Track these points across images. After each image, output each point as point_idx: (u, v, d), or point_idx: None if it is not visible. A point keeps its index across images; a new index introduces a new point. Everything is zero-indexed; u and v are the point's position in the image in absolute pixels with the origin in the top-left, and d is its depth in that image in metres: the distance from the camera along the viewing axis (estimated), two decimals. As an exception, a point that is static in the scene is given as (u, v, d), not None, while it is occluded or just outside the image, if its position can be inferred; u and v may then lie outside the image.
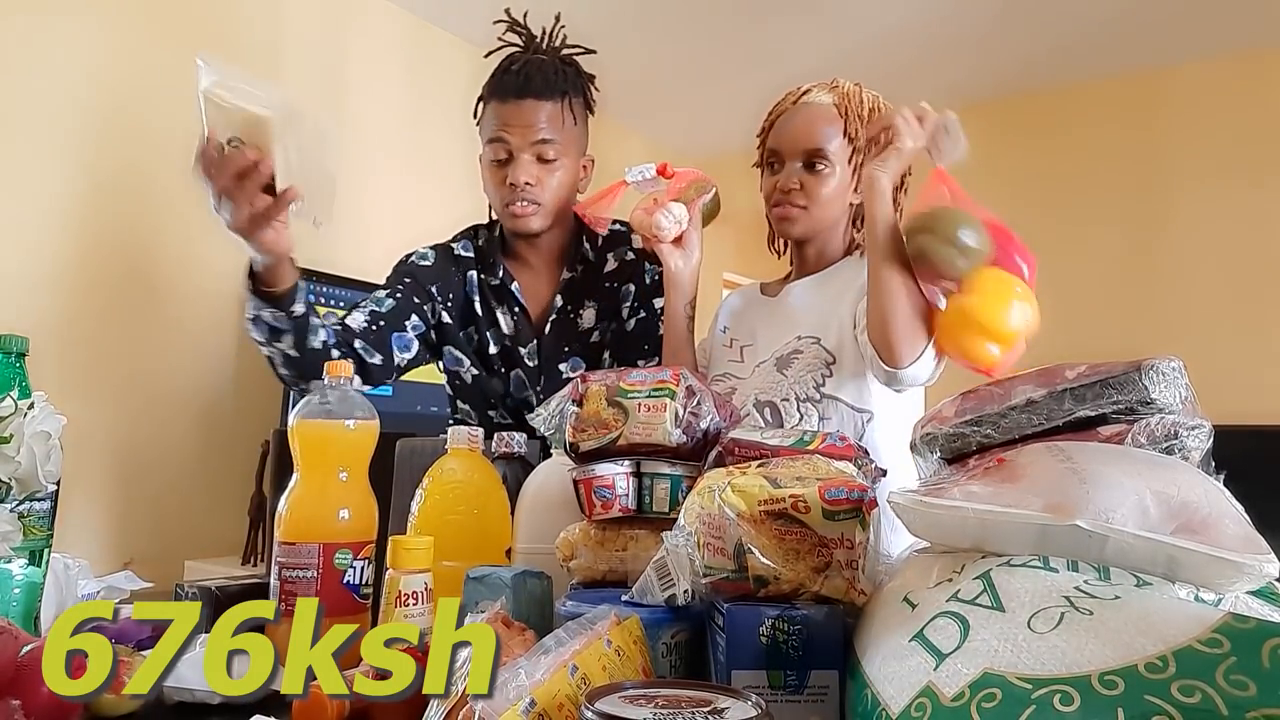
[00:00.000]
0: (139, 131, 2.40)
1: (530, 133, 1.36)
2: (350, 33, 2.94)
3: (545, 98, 1.38)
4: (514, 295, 1.48)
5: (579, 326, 1.46)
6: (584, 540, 0.84)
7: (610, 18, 3.09)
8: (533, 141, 1.37)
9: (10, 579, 0.81)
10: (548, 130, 1.37)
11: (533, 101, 1.37)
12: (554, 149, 1.38)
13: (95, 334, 2.30)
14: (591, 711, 0.45)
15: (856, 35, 3.23)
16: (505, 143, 1.37)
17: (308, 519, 0.86)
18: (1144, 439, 0.64)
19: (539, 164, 1.38)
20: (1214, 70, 3.26)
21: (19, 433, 0.77)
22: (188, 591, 0.86)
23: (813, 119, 1.28)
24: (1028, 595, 0.49)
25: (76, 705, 0.67)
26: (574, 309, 1.47)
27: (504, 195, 1.39)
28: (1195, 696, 0.38)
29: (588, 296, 1.47)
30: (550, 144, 1.38)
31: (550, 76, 1.40)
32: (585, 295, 1.48)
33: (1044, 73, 3.41)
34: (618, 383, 0.87)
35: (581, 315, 1.47)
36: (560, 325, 1.46)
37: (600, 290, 1.48)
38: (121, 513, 2.33)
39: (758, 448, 0.80)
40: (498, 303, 1.49)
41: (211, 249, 2.57)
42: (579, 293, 1.48)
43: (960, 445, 0.73)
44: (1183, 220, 3.28)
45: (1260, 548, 0.51)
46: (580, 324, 1.46)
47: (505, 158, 1.38)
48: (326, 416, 0.88)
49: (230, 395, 2.56)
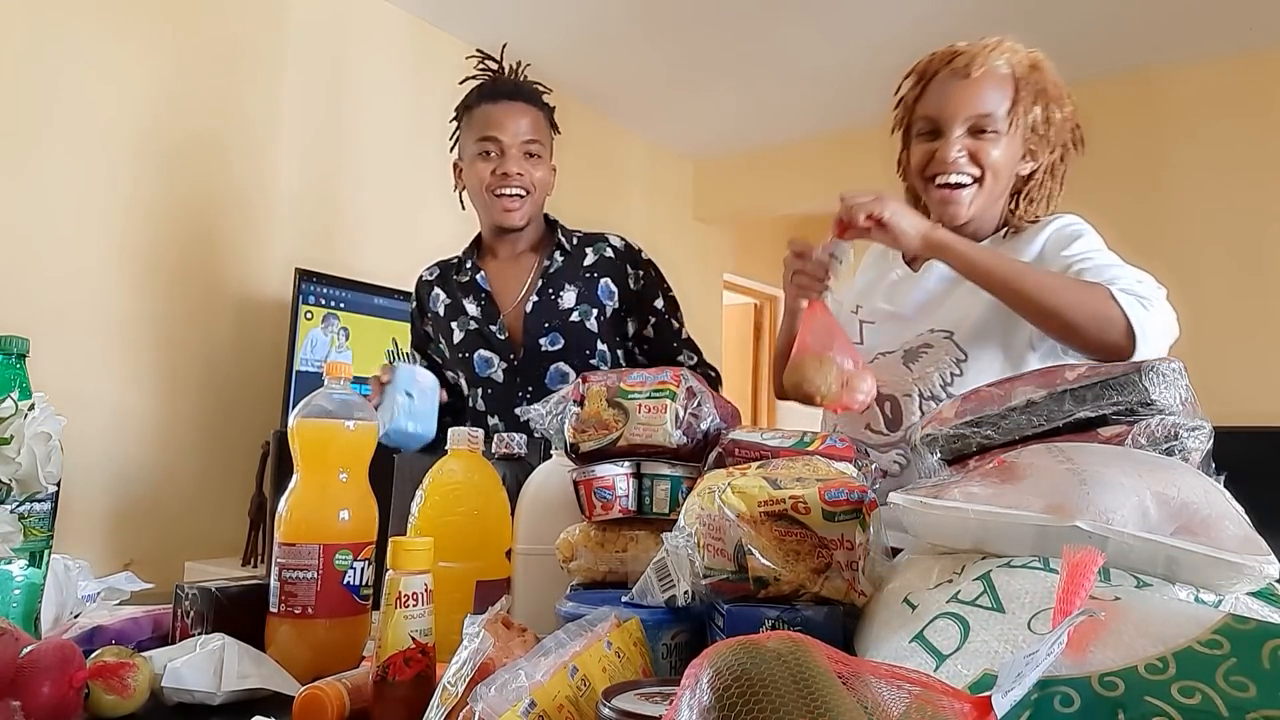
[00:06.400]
0: (143, 135, 2.40)
1: (520, 131, 1.51)
2: (351, 34, 2.95)
3: (533, 104, 1.55)
4: (479, 284, 1.59)
5: (559, 305, 1.56)
6: (584, 541, 0.84)
7: (611, 21, 3.09)
8: (522, 140, 1.51)
9: (10, 580, 0.81)
10: (534, 132, 1.52)
11: (523, 104, 1.53)
12: (538, 148, 1.53)
13: (97, 335, 2.30)
14: (608, 708, 0.45)
15: (857, 38, 3.23)
16: (496, 140, 1.50)
17: (308, 520, 0.86)
18: (1144, 440, 0.64)
19: (526, 159, 1.52)
20: (1216, 71, 3.26)
21: (20, 434, 0.77)
22: (188, 593, 0.86)
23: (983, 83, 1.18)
24: (1028, 596, 0.49)
25: (76, 706, 0.67)
26: (554, 291, 1.56)
27: (494, 185, 1.51)
28: (1195, 698, 0.38)
29: (568, 281, 1.57)
30: (536, 144, 1.52)
31: (534, 91, 1.58)
32: (565, 280, 1.57)
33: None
34: (618, 383, 0.87)
35: (562, 296, 1.56)
36: (541, 305, 1.56)
37: (579, 277, 1.58)
38: (122, 513, 2.33)
39: (758, 448, 0.80)
40: (464, 294, 1.61)
41: (213, 254, 2.57)
42: (558, 277, 1.57)
43: (960, 446, 0.73)
44: (1183, 220, 3.28)
45: (1260, 549, 0.51)
46: (560, 304, 1.56)
47: (496, 153, 1.50)
48: (326, 417, 0.88)
49: (231, 396, 2.56)
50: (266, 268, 2.64)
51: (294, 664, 0.80)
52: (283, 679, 0.77)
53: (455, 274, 1.64)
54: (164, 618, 0.91)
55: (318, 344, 2.50)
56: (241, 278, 2.61)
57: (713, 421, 0.85)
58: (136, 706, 0.71)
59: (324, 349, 2.51)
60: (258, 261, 2.64)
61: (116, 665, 0.69)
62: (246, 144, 2.64)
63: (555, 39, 3.20)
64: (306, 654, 0.83)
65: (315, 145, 2.81)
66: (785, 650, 0.37)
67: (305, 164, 2.78)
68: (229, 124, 2.61)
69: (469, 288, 1.61)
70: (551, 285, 1.57)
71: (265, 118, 2.69)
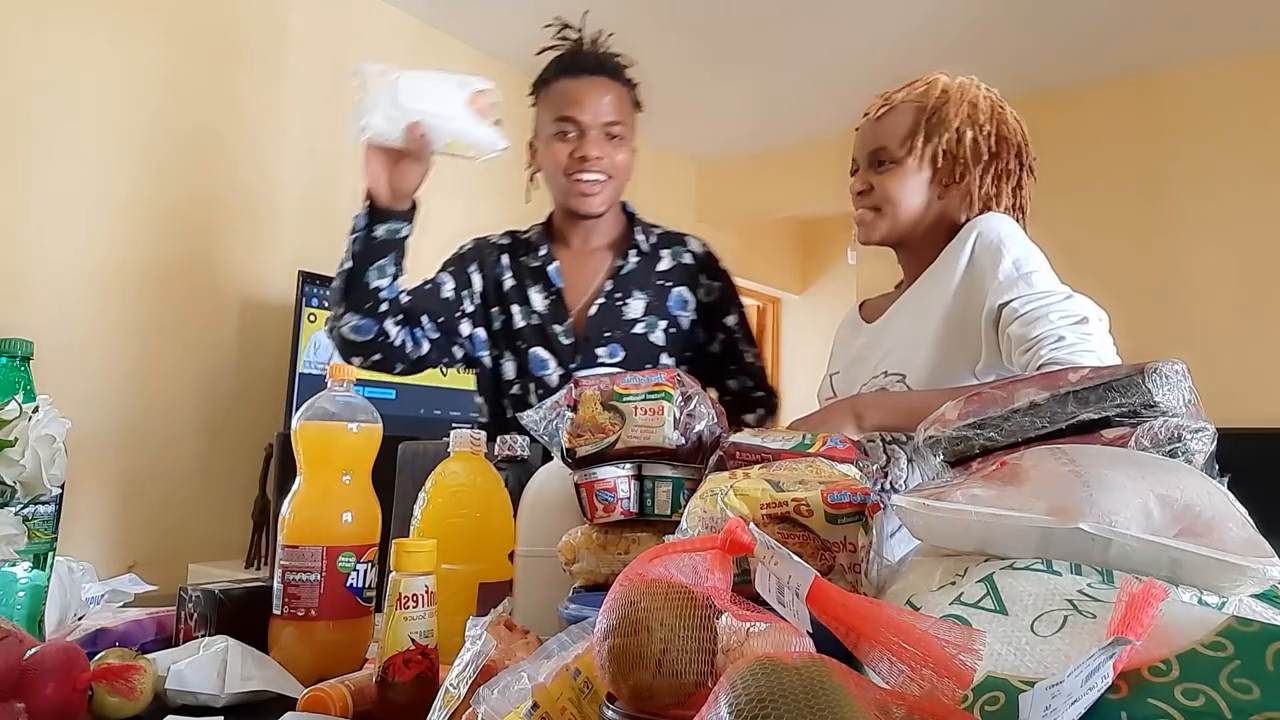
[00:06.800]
0: (147, 137, 2.40)
1: (601, 111, 1.39)
2: (352, 35, 2.95)
3: (616, 79, 1.43)
4: (549, 275, 1.47)
5: (623, 314, 1.45)
6: (586, 544, 0.84)
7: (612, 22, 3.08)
8: (603, 121, 1.39)
9: (15, 582, 0.81)
10: (617, 111, 1.40)
11: (606, 80, 1.41)
12: (620, 129, 1.41)
13: (100, 337, 2.30)
14: (611, 710, 0.45)
15: (856, 40, 3.23)
16: (575, 120, 1.39)
17: (311, 522, 0.86)
18: (1147, 442, 0.64)
19: (608, 141, 1.40)
20: (1220, 72, 3.26)
21: (24, 436, 0.77)
22: (191, 595, 0.86)
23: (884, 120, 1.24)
24: (1031, 598, 0.49)
25: (80, 708, 0.67)
26: (622, 297, 1.46)
27: (571, 168, 1.40)
28: (1199, 700, 0.38)
29: (638, 288, 1.47)
30: (618, 124, 1.41)
31: (618, 64, 1.45)
32: (635, 286, 1.47)
33: (1045, 74, 3.41)
34: (611, 386, 0.87)
35: (628, 304, 1.46)
36: (606, 310, 1.45)
37: (651, 285, 1.48)
38: (125, 516, 2.33)
39: (758, 451, 0.80)
40: (533, 282, 1.48)
41: (217, 257, 2.58)
42: (628, 282, 1.47)
43: (963, 448, 0.73)
44: (1187, 221, 3.27)
45: (1264, 551, 0.51)
46: (625, 312, 1.45)
47: (575, 134, 1.39)
48: (330, 419, 0.88)
49: (234, 399, 2.57)
50: (270, 270, 2.65)
51: (297, 666, 0.80)
52: (286, 681, 0.77)
53: (524, 253, 1.51)
54: (167, 620, 0.91)
55: (321, 346, 2.51)
56: (245, 280, 2.62)
57: (708, 422, 0.85)
58: (140, 708, 0.71)
59: (327, 351, 2.51)
60: (261, 264, 2.65)
61: (120, 667, 0.70)
62: (250, 146, 2.65)
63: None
64: (309, 656, 0.83)
65: (318, 148, 2.82)
66: (804, 667, 0.37)
67: (308, 166, 2.78)
68: (232, 126, 2.62)
69: (538, 275, 1.49)
70: (620, 290, 1.46)
71: (268, 120, 2.70)
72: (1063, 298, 1.08)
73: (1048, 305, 1.07)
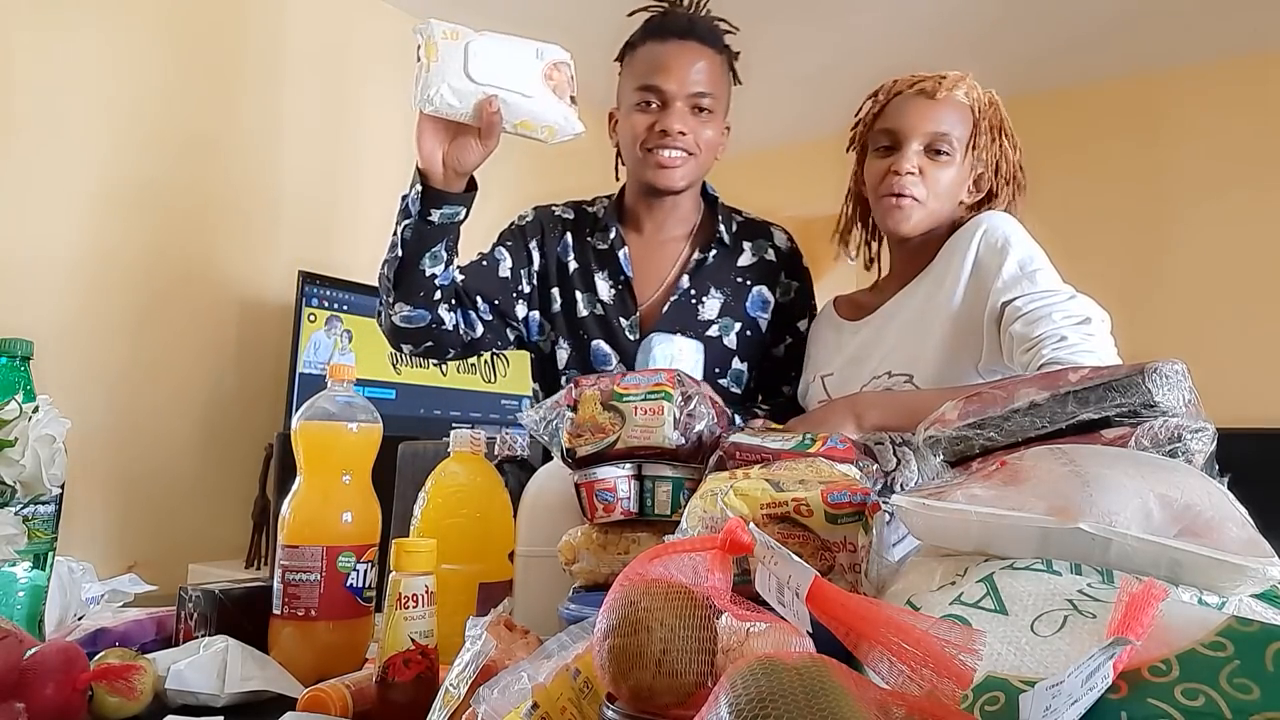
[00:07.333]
0: (146, 137, 2.41)
1: (689, 80, 1.25)
2: (351, 34, 2.95)
3: (710, 45, 1.29)
4: (620, 264, 1.34)
5: (698, 314, 1.32)
6: (586, 544, 0.84)
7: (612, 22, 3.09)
8: (690, 92, 1.25)
9: (15, 582, 0.81)
10: (707, 81, 1.26)
11: (697, 45, 1.27)
12: (710, 102, 1.27)
13: (100, 338, 2.30)
14: (612, 710, 0.45)
15: (856, 39, 3.23)
16: (659, 89, 1.25)
17: (311, 522, 0.86)
18: (1147, 442, 0.64)
19: (694, 115, 1.26)
20: (1220, 72, 3.26)
21: (24, 436, 0.77)
22: (191, 595, 0.86)
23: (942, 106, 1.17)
24: (1031, 598, 0.49)
25: (80, 708, 0.67)
26: (698, 294, 1.33)
27: (650, 141, 1.26)
28: (1199, 700, 0.38)
29: (715, 285, 1.34)
30: (708, 96, 1.26)
31: (714, 28, 1.31)
32: (713, 282, 1.34)
33: (1045, 75, 3.41)
34: (611, 386, 0.87)
35: (704, 303, 1.33)
36: (679, 308, 1.32)
37: (729, 282, 1.34)
38: (125, 516, 2.33)
39: (758, 451, 0.80)
40: (599, 267, 1.35)
41: (216, 256, 2.58)
42: (706, 278, 1.34)
43: (963, 448, 0.73)
44: (1186, 221, 3.27)
45: (1264, 551, 0.51)
46: (701, 312, 1.32)
47: (657, 104, 1.26)
48: (330, 419, 0.88)
49: (234, 399, 2.57)
50: (269, 270, 2.65)
51: (297, 666, 0.80)
52: (286, 681, 0.77)
53: (590, 234, 1.37)
54: (167, 620, 0.91)
55: (321, 346, 2.51)
56: (244, 280, 2.62)
57: (708, 422, 0.85)
58: (140, 708, 0.71)
59: (327, 351, 2.51)
60: (261, 264, 2.65)
61: (120, 667, 0.70)
62: (249, 146, 2.65)
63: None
64: (309, 656, 0.83)
65: (317, 147, 2.82)
66: (804, 667, 0.37)
67: (308, 166, 2.78)
68: (231, 126, 2.62)
69: (606, 260, 1.35)
70: (696, 286, 1.33)
71: (267, 120, 2.70)
72: (1066, 298, 1.08)
73: (1051, 305, 1.07)
